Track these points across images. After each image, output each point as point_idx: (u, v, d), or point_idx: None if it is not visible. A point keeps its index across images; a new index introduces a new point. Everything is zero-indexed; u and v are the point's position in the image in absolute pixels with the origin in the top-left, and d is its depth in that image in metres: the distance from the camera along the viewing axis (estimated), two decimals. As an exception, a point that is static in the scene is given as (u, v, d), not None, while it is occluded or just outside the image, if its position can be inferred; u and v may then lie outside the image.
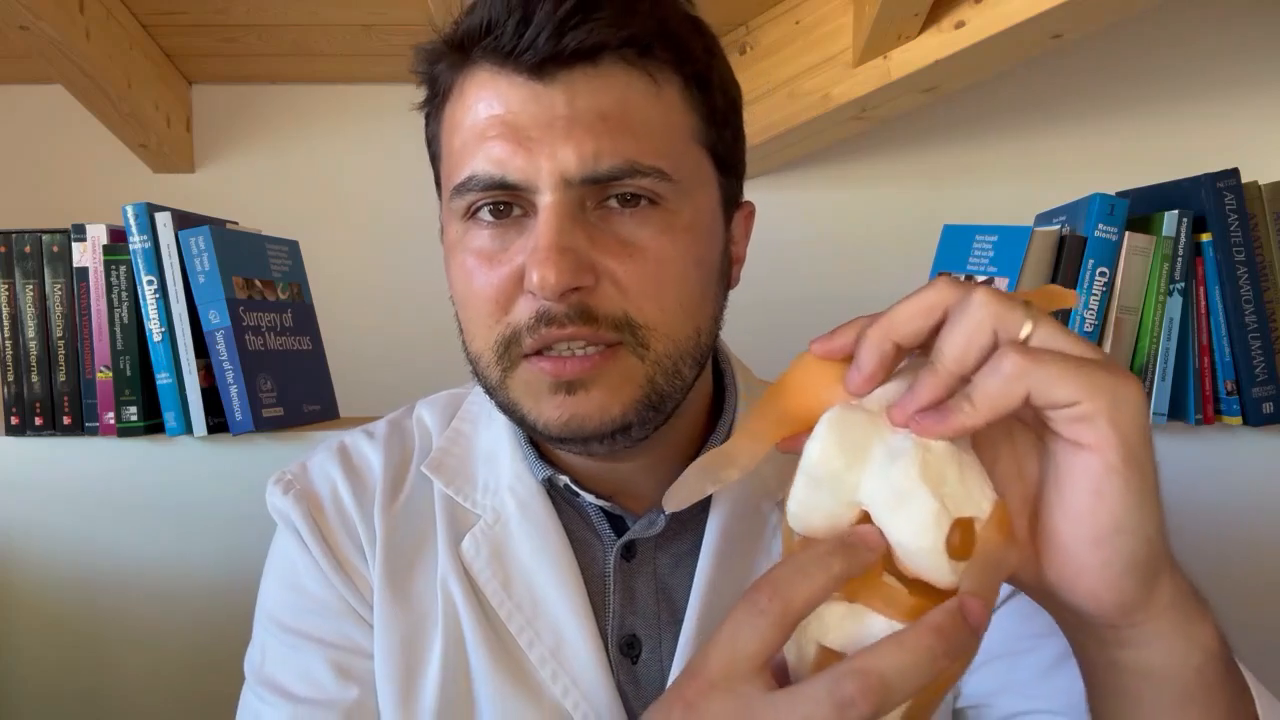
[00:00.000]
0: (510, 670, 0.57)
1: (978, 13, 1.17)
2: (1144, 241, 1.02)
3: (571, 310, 0.49)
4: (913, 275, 1.28)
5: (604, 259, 0.50)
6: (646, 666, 0.59)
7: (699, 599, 0.58)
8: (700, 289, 0.54)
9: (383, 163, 1.60)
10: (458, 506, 0.61)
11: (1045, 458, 0.39)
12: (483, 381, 0.55)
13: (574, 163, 0.49)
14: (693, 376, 0.55)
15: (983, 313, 0.36)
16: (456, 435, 0.65)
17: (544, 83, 0.50)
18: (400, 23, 1.42)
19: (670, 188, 0.51)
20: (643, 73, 0.52)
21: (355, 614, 0.60)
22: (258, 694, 0.60)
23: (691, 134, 0.54)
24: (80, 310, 1.04)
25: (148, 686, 1.06)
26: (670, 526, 0.59)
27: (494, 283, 0.52)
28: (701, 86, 0.55)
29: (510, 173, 0.50)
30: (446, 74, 0.55)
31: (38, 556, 1.05)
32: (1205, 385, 1.05)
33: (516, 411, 0.54)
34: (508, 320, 0.52)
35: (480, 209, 0.52)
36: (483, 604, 0.59)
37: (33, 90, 1.56)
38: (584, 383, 0.51)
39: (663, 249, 0.51)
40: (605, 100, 0.50)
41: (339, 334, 1.28)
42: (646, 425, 0.53)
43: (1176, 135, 1.62)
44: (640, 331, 0.51)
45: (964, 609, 0.34)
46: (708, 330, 0.56)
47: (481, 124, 0.51)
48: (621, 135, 0.50)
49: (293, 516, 0.61)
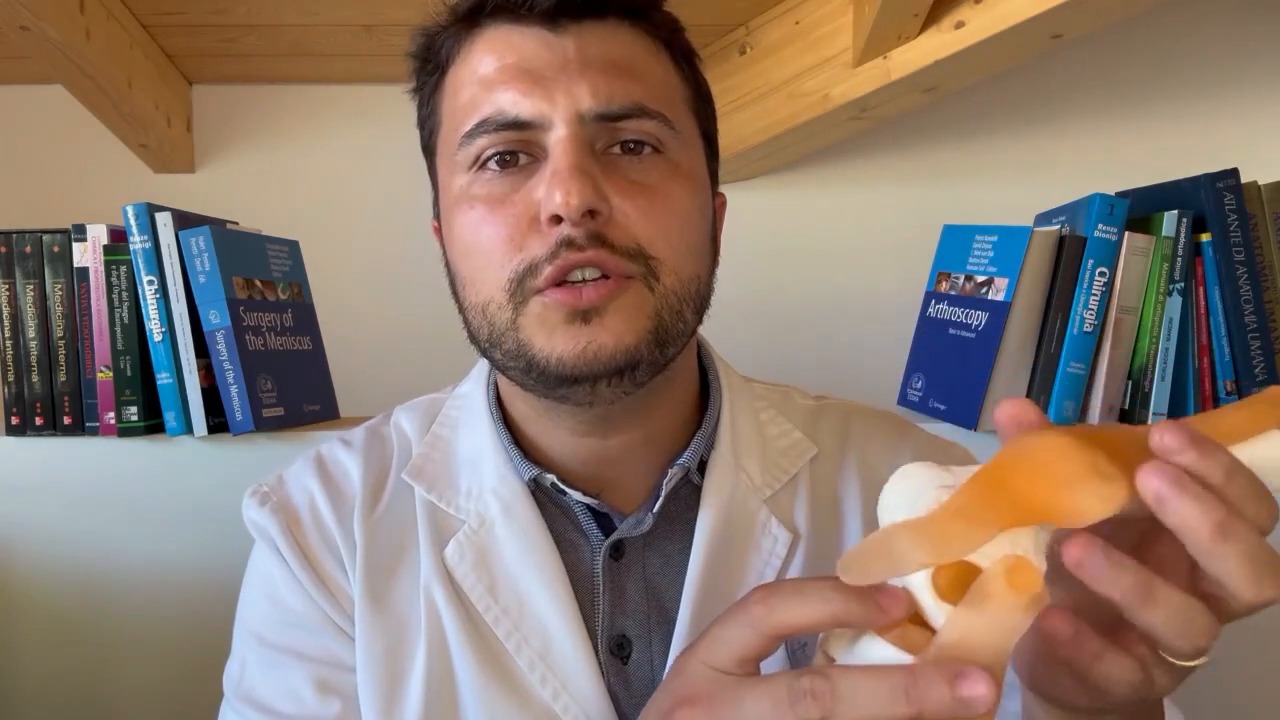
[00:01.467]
0: (497, 675, 0.56)
1: (978, 13, 1.17)
2: (1144, 241, 1.03)
3: (589, 235, 0.50)
4: (913, 275, 1.29)
5: (615, 195, 0.52)
6: (637, 667, 0.58)
7: (690, 599, 0.57)
8: (701, 237, 0.56)
9: (383, 163, 1.60)
10: (440, 512, 0.61)
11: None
12: (487, 334, 0.54)
13: (588, 99, 0.51)
14: (693, 324, 0.56)
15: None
16: (436, 440, 0.64)
17: (555, 32, 0.53)
18: (400, 23, 1.42)
19: (672, 136, 0.54)
20: (644, 34, 0.56)
21: (336, 627, 0.59)
22: (236, 710, 0.59)
23: (684, 99, 0.58)
24: (80, 310, 1.04)
25: (147, 686, 1.06)
26: (659, 525, 0.59)
27: (507, 223, 0.52)
28: (688, 61, 0.59)
29: (523, 111, 0.52)
30: (449, 45, 0.57)
31: (38, 556, 1.05)
32: (1205, 385, 1.05)
33: (525, 354, 0.52)
34: (521, 256, 0.52)
35: (488, 160, 0.53)
36: (468, 609, 0.58)
37: (33, 90, 1.56)
38: (599, 310, 0.51)
39: (670, 190, 0.54)
40: (614, 48, 0.54)
41: (339, 334, 1.28)
42: (653, 365, 0.53)
43: (1176, 135, 1.62)
44: (652, 263, 0.52)
45: (953, 672, 0.34)
46: (706, 282, 0.57)
47: (492, 74, 0.53)
48: (630, 80, 0.53)
49: (270, 531, 0.61)
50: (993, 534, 0.35)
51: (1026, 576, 0.34)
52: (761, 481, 0.61)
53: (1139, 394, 1.04)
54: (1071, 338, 1.02)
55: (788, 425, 0.66)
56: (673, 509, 0.60)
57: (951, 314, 1.10)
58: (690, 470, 0.60)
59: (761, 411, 0.66)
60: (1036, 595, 0.34)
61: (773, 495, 0.61)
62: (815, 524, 0.62)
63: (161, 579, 1.05)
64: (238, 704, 0.59)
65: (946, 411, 1.07)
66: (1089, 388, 1.04)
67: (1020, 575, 0.34)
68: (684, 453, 0.60)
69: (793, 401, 0.69)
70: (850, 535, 0.62)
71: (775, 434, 0.65)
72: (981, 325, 1.04)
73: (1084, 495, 0.34)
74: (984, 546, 0.35)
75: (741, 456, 0.62)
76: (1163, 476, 0.34)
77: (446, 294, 0.59)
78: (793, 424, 0.66)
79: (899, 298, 1.37)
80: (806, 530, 0.61)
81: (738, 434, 0.62)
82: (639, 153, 0.53)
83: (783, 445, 0.64)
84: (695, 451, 0.60)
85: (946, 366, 1.10)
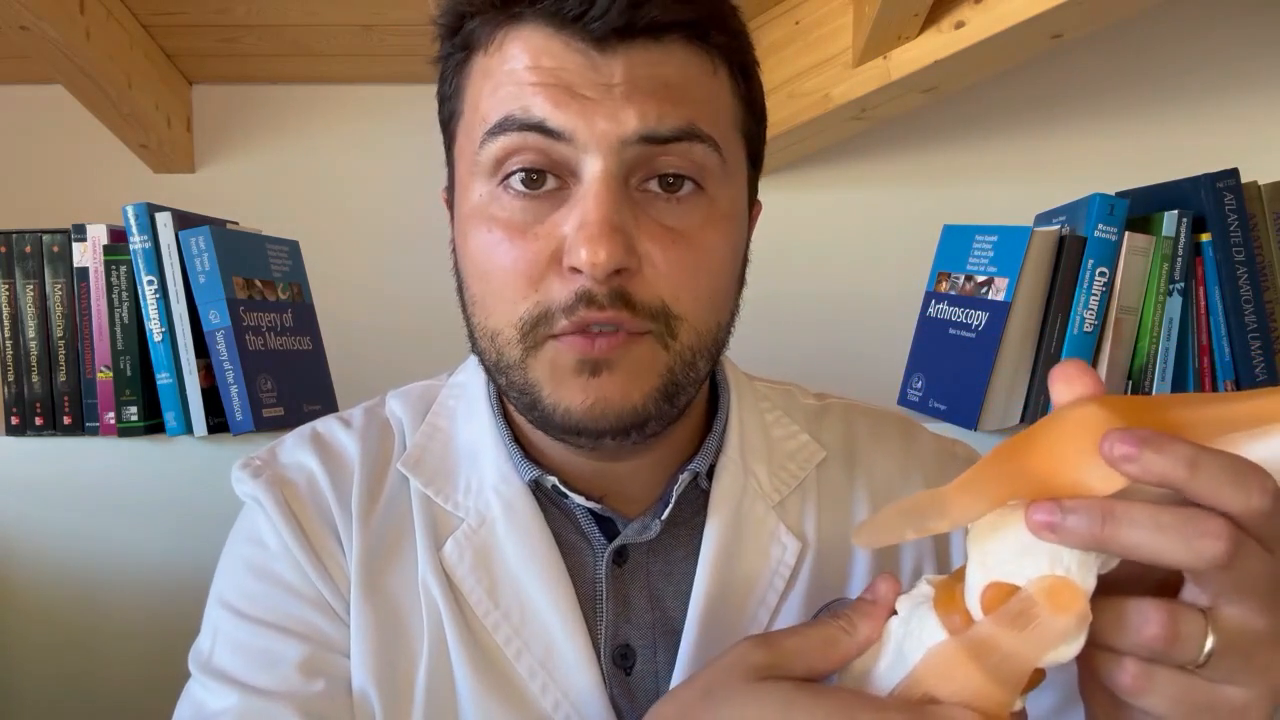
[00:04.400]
0: (496, 683, 0.54)
1: (978, 13, 1.17)
2: (1144, 241, 1.02)
3: (612, 293, 0.47)
4: (913, 275, 1.29)
5: (645, 243, 0.48)
6: (641, 678, 0.56)
7: (698, 611, 0.55)
8: (731, 281, 0.54)
9: (383, 163, 1.60)
10: (437, 508, 0.58)
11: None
12: (494, 359, 0.52)
13: (634, 123, 0.47)
14: (706, 371, 0.53)
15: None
16: (434, 431, 0.61)
17: (603, 53, 0.48)
18: (400, 23, 1.42)
19: (718, 165, 0.51)
20: (701, 53, 0.51)
21: (328, 607, 0.55)
22: (205, 686, 0.55)
23: (735, 121, 0.54)
24: (80, 310, 1.04)
25: (147, 686, 1.06)
26: (663, 531, 0.57)
27: (526, 257, 0.49)
28: (745, 75, 0.55)
29: (551, 119, 0.47)
30: (481, 28, 0.51)
31: (37, 556, 1.05)
32: (1205, 385, 1.05)
33: (531, 394, 0.50)
34: (537, 298, 0.49)
35: (512, 175, 0.49)
36: (465, 612, 0.55)
37: (33, 90, 1.56)
38: (609, 363, 0.49)
39: (706, 238, 0.50)
40: (667, 70, 0.49)
41: (339, 334, 1.28)
42: (661, 419, 0.51)
43: (1176, 135, 1.62)
44: (673, 322, 0.50)
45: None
46: (726, 325, 0.55)
47: (523, 75, 0.49)
48: (682, 102, 0.49)
49: (265, 501, 0.57)
50: (991, 507, 0.36)
51: (1067, 596, 0.35)
52: (770, 487, 0.60)
53: (1139, 394, 1.04)
54: (1071, 338, 1.02)
55: (794, 426, 0.64)
56: (678, 514, 0.58)
57: (951, 314, 1.10)
58: (699, 475, 0.58)
59: (767, 412, 0.64)
60: (1080, 614, 0.35)
61: (781, 501, 0.60)
62: (823, 532, 0.60)
63: (161, 579, 1.05)
64: (206, 679, 0.55)
65: (947, 411, 1.07)
66: (1089, 388, 1.04)
67: (1061, 596, 0.35)
68: (694, 458, 0.58)
69: (795, 400, 0.67)
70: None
71: (781, 435, 0.63)
72: (981, 325, 1.04)
73: (1086, 473, 0.34)
74: (1025, 567, 0.36)
75: (749, 460, 0.60)
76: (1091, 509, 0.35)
77: (447, 294, 0.57)
78: (798, 425, 0.64)
79: (899, 298, 1.37)
80: (814, 538, 0.59)
81: (745, 437, 0.61)
82: (678, 189, 0.50)
83: (790, 448, 0.62)
84: (705, 457, 0.58)
85: (946, 366, 1.10)
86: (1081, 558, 0.35)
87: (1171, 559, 0.34)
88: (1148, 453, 0.33)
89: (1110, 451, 0.33)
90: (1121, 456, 0.33)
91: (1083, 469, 0.34)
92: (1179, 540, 0.33)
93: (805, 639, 0.42)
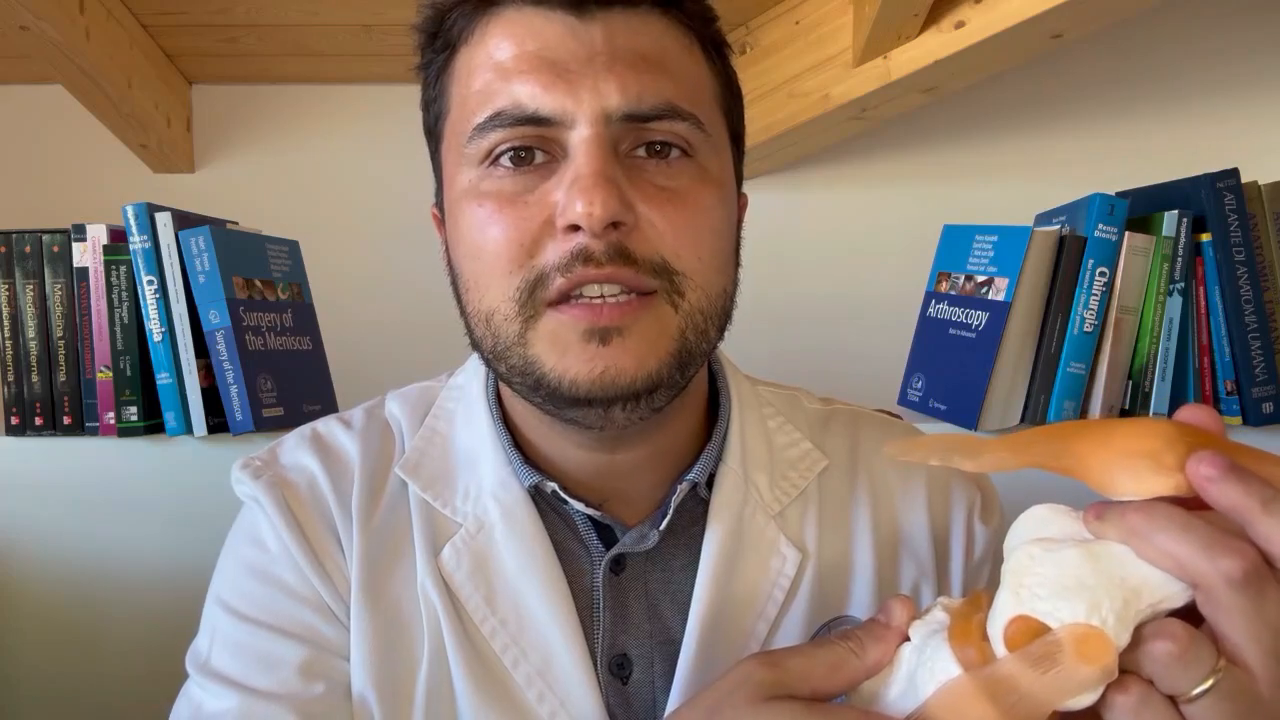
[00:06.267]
0: (494, 690, 0.53)
1: (978, 13, 1.17)
2: (1144, 241, 1.03)
3: (610, 249, 0.47)
4: (913, 275, 1.29)
5: (641, 204, 0.48)
6: (638, 688, 0.55)
7: (697, 623, 0.55)
8: (730, 246, 0.53)
9: (382, 162, 1.60)
10: (436, 513, 0.57)
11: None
12: (491, 344, 0.51)
13: (616, 97, 0.47)
14: (716, 340, 0.53)
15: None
16: (432, 435, 0.60)
17: (582, 20, 0.49)
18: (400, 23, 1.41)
19: (703, 139, 0.51)
20: (676, 26, 0.51)
21: (328, 610, 0.55)
22: (203, 687, 0.54)
23: (715, 97, 0.54)
24: (80, 310, 1.04)
25: (147, 686, 1.06)
26: (662, 540, 0.56)
27: (518, 224, 0.48)
28: (719, 52, 0.55)
29: (543, 106, 0.48)
30: (461, 22, 0.52)
31: (37, 556, 1.05)
32: (1205, 385, 1.05)
33: (534, 372, 0.49)
34: (532, 264, 0.48)
35: (500, 155, 0.49)
36: (463, 618, 0.54)
37: (33, 90, 1.56)
38: (619, 330, 0.47)
39: (699, 197, 0.50)
40: (644, 41, 0.49)
41: (339, 334, 1.28)
42: (671, 388, 0.50)
43: (1176, 135, 1.62)
44: (677, 278, 0.49)
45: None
46: (731, 296, 0.54)
47: (509, 62, 0.49)
48: (661, 77, 0.49)
49: (264, 501, 0.56)
50: (1021, 465, 0.37)
51: (1099, 648, 0.34)
52: (770, 496, 0.59)
53: (1139, 394, 1.04)
54: (1072, 338, 1.02)
55: (796, 434, 0.63)
56: (677, 523, 0.57)
57: (952, 314, 1.10)
58: (698, 484, 0.57)
59: (769, 419, 0.63)
60: (1106, 667, 0.34)
61: (781, 511, 0.59)
62: (824, 542, 0.59)
63: (161, 579, 1.05)
64: (204, 680, 0.54)
65: (947, 411, 1.07)
66: (1089, 388, 1.04)
67: (1091, 646, 0.34)
68: (693, 467, 0.57)
69: (800, 406, 0.66)
70: (859, 554, 0.59)
71: (784, 443, 0.62)
72: (982, 325, 1.04)
73: (1122, 471, 0.35)
74: (1060, 609, 0.35)
75: (750, 469, 0.59)
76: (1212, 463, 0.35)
77: (447, 294, 0.57)
78: (801, 432, 0.63)
79: (899, 298, 1.37)
80: (815, 548, 0.58)
81: (746, 445, 0.60)
82: (666, 155, 0.49)
83: (792, 456, 0.62)
84: (705, 466, 0.57)
85: (947, 366, 1.10)
86: (1121, 612, 0.35)
87: (1192, 568, 0.35)
88: (1231, 478, 0.35)
89: (1198, 467, 0.35)
90: (1206, 476, 0.35)
91: (1118, 466, 0.35)
92: (1202, 551, 0.34)
93: (811, 659, 0.41)
